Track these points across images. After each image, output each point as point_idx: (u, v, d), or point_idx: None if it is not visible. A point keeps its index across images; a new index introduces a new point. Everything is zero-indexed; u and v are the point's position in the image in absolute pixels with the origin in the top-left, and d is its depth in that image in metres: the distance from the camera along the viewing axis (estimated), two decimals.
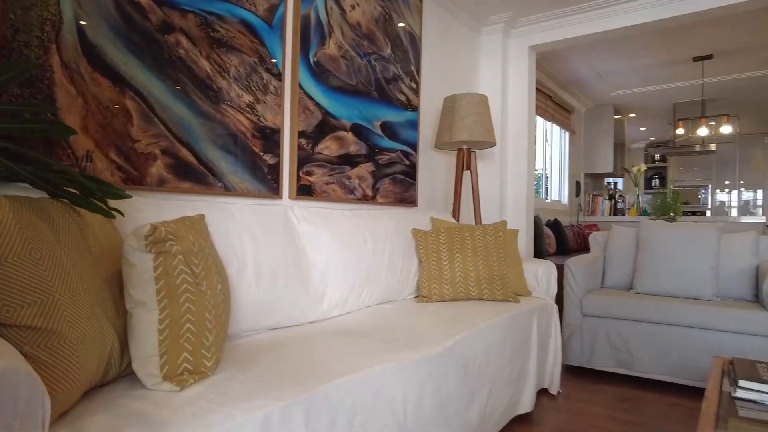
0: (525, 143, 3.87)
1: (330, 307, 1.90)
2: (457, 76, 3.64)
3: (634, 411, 2.20)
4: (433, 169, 3.36)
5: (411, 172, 3.02)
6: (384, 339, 1.52)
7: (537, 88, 5.26)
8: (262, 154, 2.05)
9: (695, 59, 5.12)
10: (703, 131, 5.29)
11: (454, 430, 1.54)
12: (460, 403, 1.58)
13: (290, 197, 2.21)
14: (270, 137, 2.09)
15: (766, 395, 1.36)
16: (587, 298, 2.73)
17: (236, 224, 1.62)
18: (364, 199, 2.63)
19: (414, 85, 3.04)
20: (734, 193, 9.52)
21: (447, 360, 1.51)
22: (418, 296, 2.34)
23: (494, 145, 3.10)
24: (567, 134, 6.76)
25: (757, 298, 2.67)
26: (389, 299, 2.23)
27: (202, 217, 1.35)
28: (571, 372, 2.78)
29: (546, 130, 6.21)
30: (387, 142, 2.80)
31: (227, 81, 1.91)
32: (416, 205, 3.10)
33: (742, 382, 1.41)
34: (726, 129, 5.18)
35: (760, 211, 9.14)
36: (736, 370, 1.50)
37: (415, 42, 3.05)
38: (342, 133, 2.47)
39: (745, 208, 9.42)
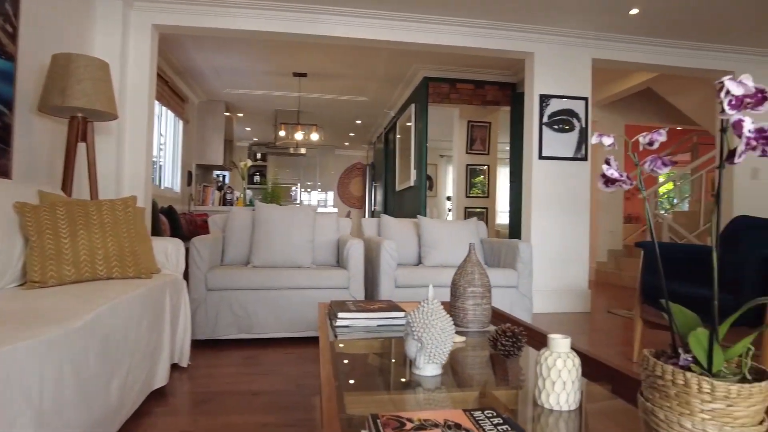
0: (145, 121, 3.72)
1: None
2: (70, 34, 3.16)
3: (257, 364, 2.52)
4: (35, 135, 2.81)
5: (4, 137, 2.46)
6: (6, 321, 1.26)
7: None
8: None
9: (295, 74, 6.10)
10: (299, 135, 6.36)
11: (95, 410, 1.42)
12: (101, 381, 1.47)
13: None
14: None
15: (353, 320, 1.88)
16: (211, 274, 2.90)
17: None
18: None
19: (10, 29, 2.48)
20: (314, 193, 11.78)
21: (88, 334, 1.39)
22: (26, 283, 1.95)
23: (116, 117, 2.88)
24: (181, 123, 6.78)
25: (338, 263, 3.48)
26: None
27: None
28: (198, 345, 2.90)
29: (160, 116, 6.05)
30: None
31: None
32: (10, 178, 2.54)
33: (339, 314, 1.88)
34: (315, 136, 6.40)
35: (332, 209, 11.67)
36: (334, 309, 1.99)
37: None
38: None
39: (321, 205, 11.85)
